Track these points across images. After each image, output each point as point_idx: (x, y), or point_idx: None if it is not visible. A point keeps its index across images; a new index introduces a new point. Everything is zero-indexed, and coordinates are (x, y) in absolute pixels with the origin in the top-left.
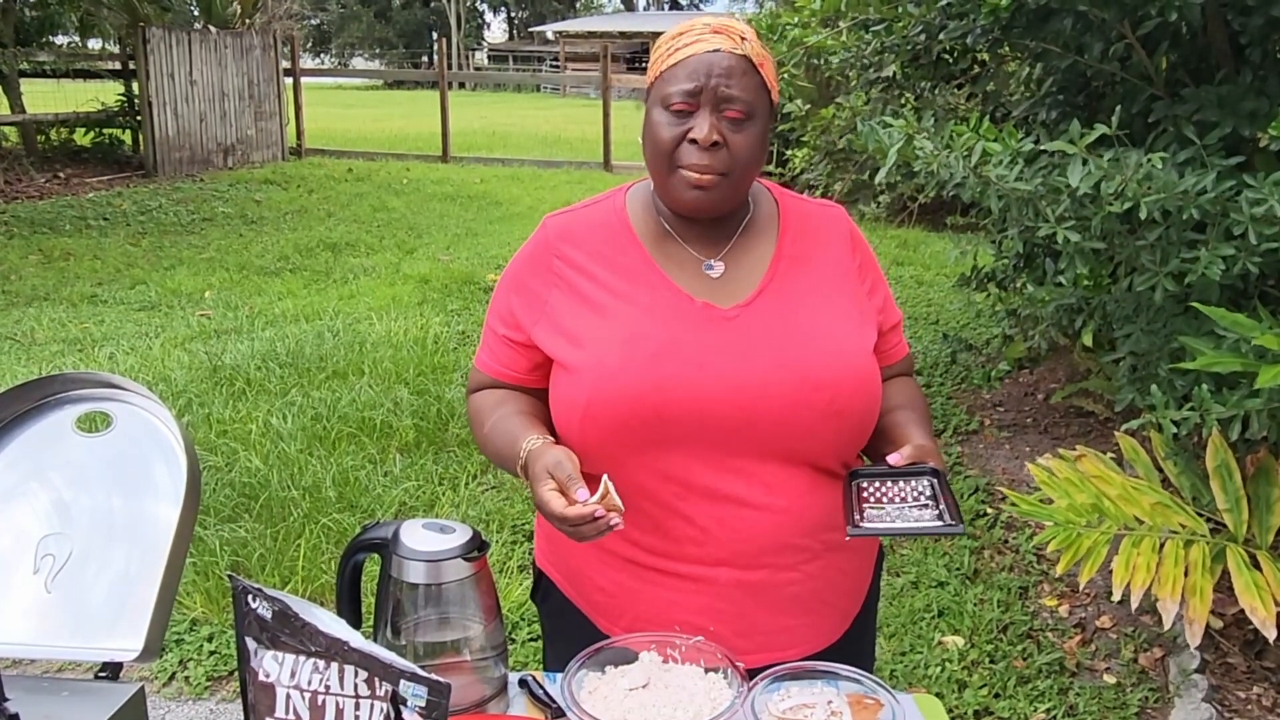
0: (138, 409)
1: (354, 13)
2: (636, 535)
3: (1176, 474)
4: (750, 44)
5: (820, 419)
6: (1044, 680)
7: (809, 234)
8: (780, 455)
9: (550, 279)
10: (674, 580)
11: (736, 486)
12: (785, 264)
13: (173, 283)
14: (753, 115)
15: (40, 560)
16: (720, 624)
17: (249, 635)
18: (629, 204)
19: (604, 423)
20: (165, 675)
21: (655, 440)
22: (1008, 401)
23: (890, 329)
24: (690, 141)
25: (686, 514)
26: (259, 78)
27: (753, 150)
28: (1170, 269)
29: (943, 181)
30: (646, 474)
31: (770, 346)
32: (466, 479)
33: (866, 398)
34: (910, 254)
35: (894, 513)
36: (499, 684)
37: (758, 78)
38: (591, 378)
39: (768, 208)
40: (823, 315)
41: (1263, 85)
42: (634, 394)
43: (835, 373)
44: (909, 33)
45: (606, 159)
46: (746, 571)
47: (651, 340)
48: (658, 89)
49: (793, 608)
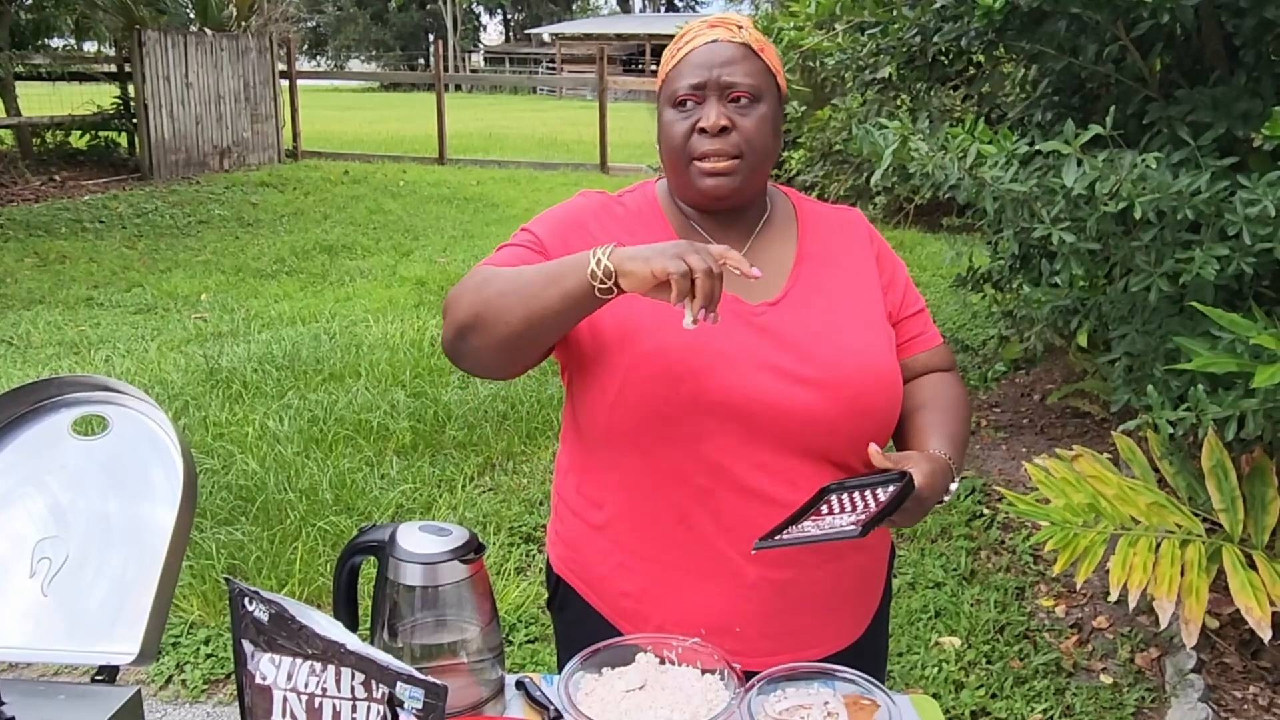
0: (134, 412)
1: (350, 15)
2: (661, 531)
3: (1172, 474)
4: (747, 31)
5: (841, 417)
6: (1041, 680)
7: (828, 235)
8: (804, 451)
9: (586, 239)
10: (699, 580)
11: (762, 481)
12: (807, 264)
13: (169, 285)
14: (759, 97)
15: (37, 564)
16: (746, 624)
17: (246, 638)
18: (659, 196)
19: (636, 406)
20: (162, 678)
21: (685, 429)
22: (1004, 402)
23: (913, 315)
24: (700, 131)
25: (712, 509)
26: (255, 80)
27: (763, 131)
28: (1165, 269)
29: (938, 183)
30: (675, 463)
31: (795, 344)
32: (464, 481)
33: (887, 398)
34: (907, 255)
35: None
36: (496, 686)
37: (759, 62)
38: (627, 361)
39: (784, 209)
40: (846, 314)
41: (1256, 86)
42: (671, 378)
43: (859, 371)
44: (904, 35)
45: (603, 161)
46: (773, 569)
47: (684, 330)
48: (665, 89)
49: (817, 606)
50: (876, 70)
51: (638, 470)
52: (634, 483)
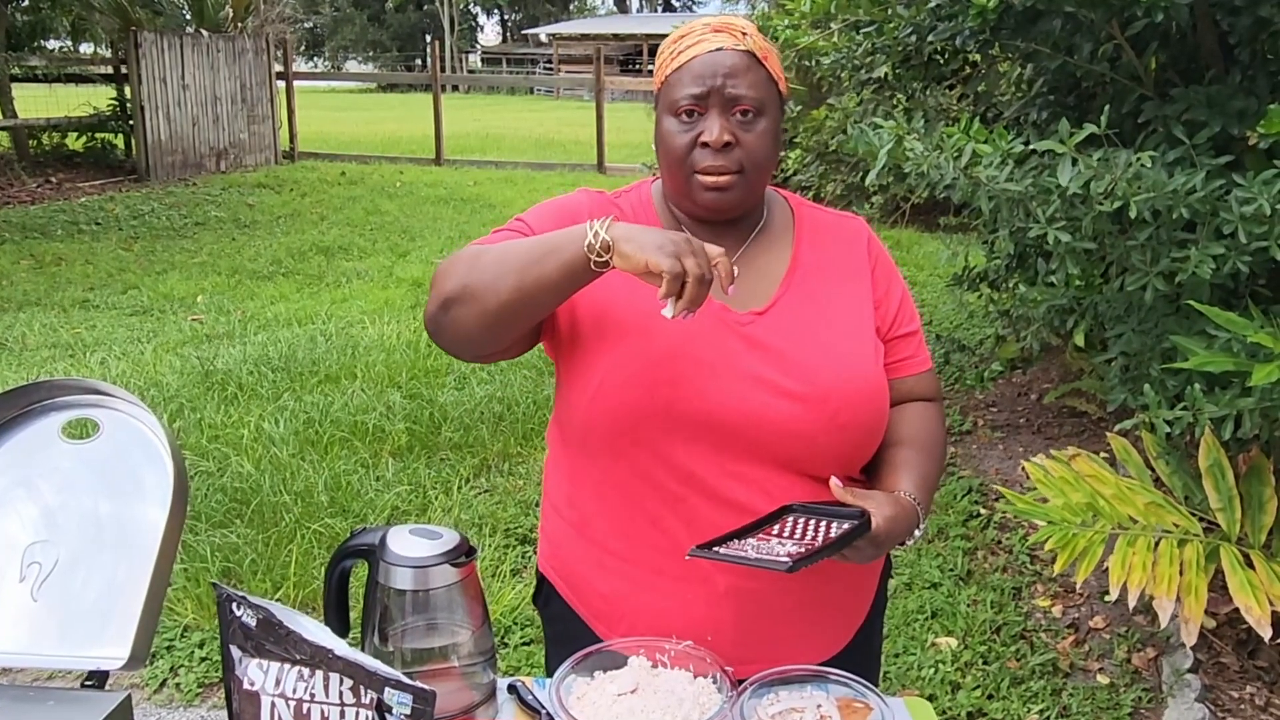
0: (125, 415)
1: (347, 16)
2: (635, 534)
3: (1169, 474)
4: (752, 38)
5: (823, 431)
6: (1037, 681)
7: (825, 244)
8: (782, 463)
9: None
10: (673, 586)
11: (737, 491)
12: (800, 274)
13: (165, 287)
14: (762, 110)
15: (26, 568)
16: (718, 632)
17: (233, 643)
18: (654, 197)
19: (612, 406)
20: (156, 682)
21: (661, 435)
22: (1001, 402)
23: (904, 336)
24: (703, 145)
25: (685, 516)
26: (251, 81)
27: (765, 146)
28: (1161, 268)
29: (934, 183)
30: (648, 467)
31: (779, 356)
32: (459, 483)
33: (872, 413)
34: (903, 255)
35: (768, 546)
36: (488, 690)
37: (763, 72)
38: (606, 362)
39: (782, 216)
40: (834, 328)
41: (1251, 84)
42: (647, 384)
43: (842, 386)
44: (899, 34)
45: (600, 161)
46: (743, 579)
47: (665, 335)
48: (665, 95)
49: (791, 618)
50: (872, 70)
51: (613, 471)
52: (609, 484)
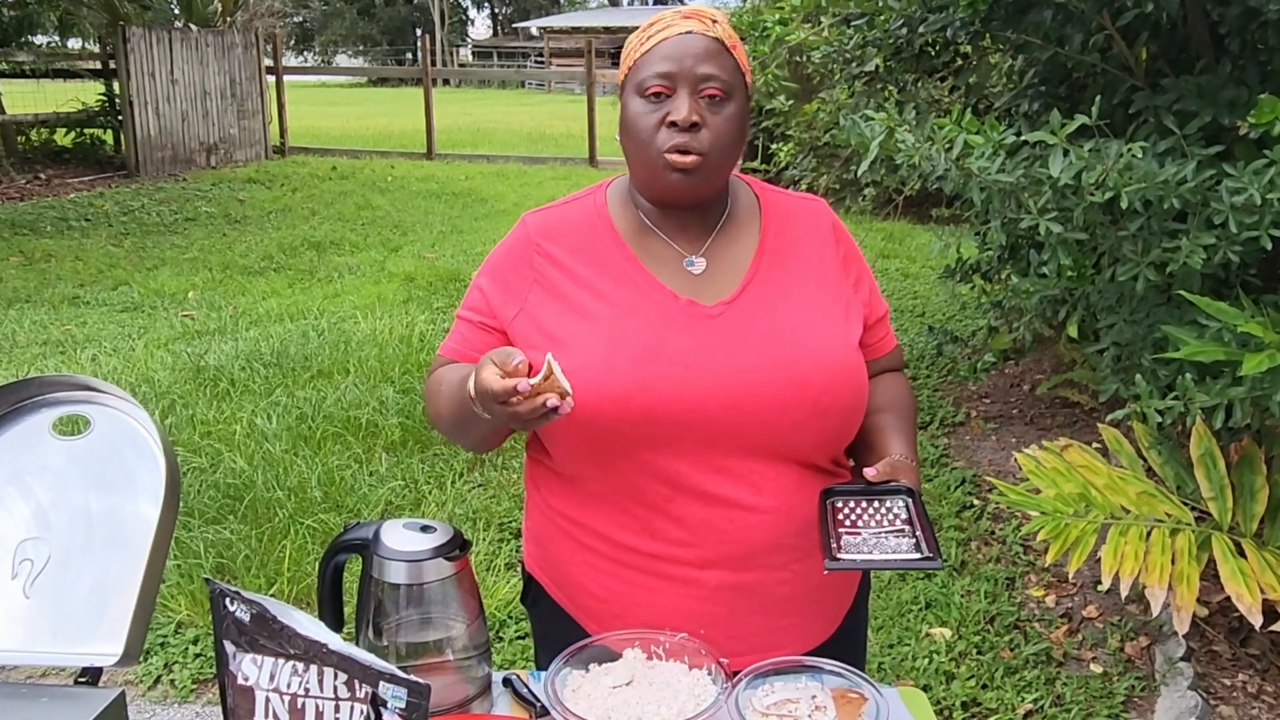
0: (115, 411)
1: (337, 10)
2: (625, 538)
3: (1160, 463)
4: (721, 26)
5: (806, 416)
6: (1031, 670)
7: (791, 228)
8: (766, 452)
9: (531, 276)
10: (663, 583)
11: (724, 487)
12: (768, 259)
13: (155, 283)
14: (730, 95)
15: (18, 565)
16: (711, 627)
17: (227, 639)
18: (609, 200)
19: (589, 426)
20: (151, 678)
21: (641, 441)
22: (994, 393)
23: (877, 321)
24: (670, 125)
25: (674, 515)
26: (241, 76)
27: (732, 131)
28: (1152, 259)
29: (925, 174)
30: (633, 475)
31: (754, 344)
32: (453, 477)
33: (852, 393)
34: (896, 247)
35: (871, 540)
36: (482, 683)
37: (731, 59)
38: (576, 382)
39: (748, 202)
40: (807, 311)
41: (1242, 74)
42: (619, 396)
43: (820, 369)
44: (890, 26)
45: (592, 155)
46: (736, 573)
47: (635, 341)
48: (632, 78)
49: (783, 608)
50: (863, 63)
51: (597, 481)
52: (595, 492)
